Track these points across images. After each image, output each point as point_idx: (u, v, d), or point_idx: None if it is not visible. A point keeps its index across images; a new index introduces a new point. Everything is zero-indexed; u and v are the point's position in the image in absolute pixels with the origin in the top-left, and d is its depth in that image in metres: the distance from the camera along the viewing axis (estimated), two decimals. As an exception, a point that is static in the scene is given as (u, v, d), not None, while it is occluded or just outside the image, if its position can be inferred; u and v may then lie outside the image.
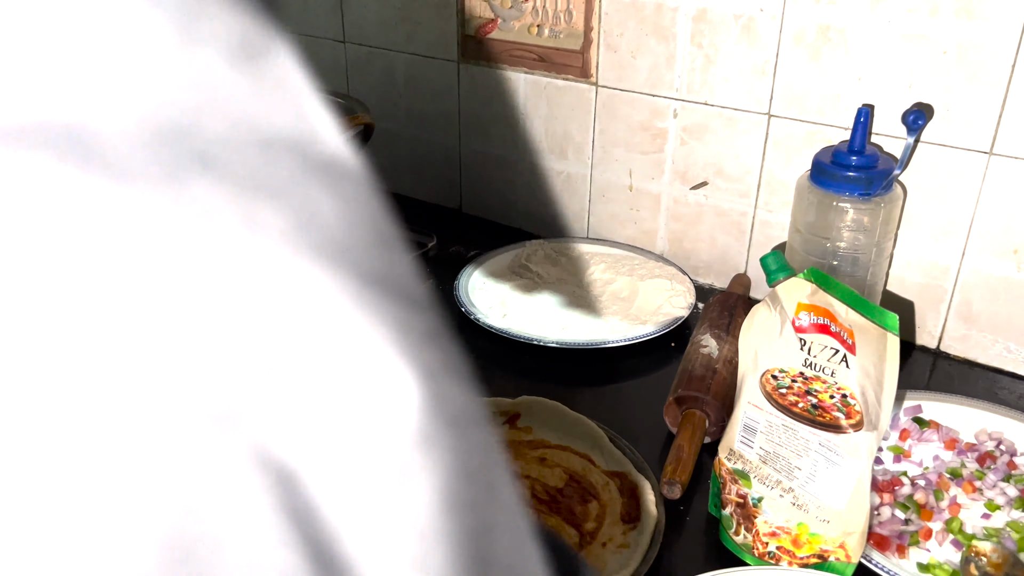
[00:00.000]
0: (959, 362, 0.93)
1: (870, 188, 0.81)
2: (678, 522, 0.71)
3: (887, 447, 0.78)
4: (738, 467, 0.66)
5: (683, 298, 0.99)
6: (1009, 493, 0.71)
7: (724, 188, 1.02)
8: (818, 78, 0.90)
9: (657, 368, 0.91)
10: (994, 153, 0.84)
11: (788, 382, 0.63)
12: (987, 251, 0.87)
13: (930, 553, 0.67)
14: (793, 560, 0.64)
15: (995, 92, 0.81)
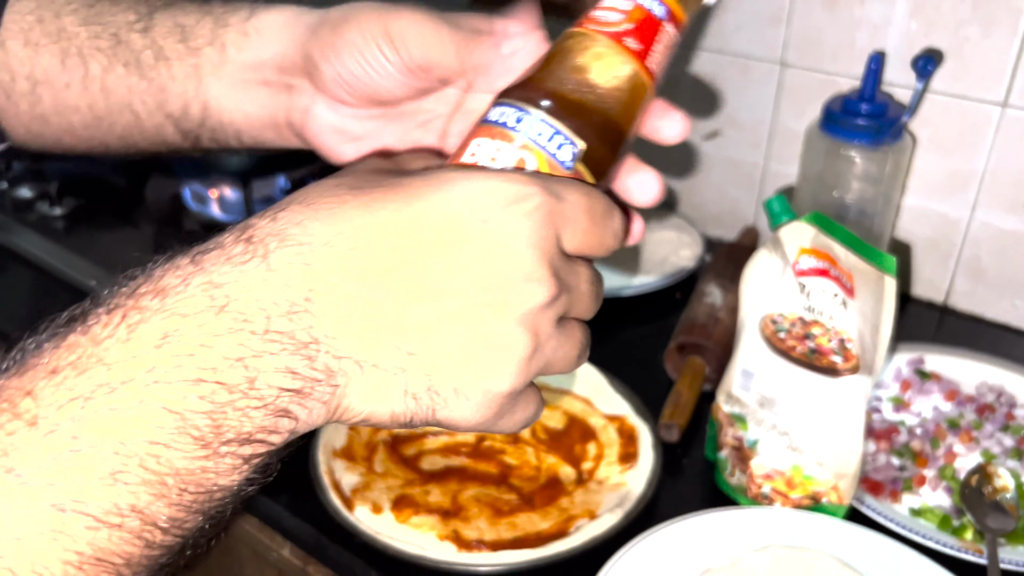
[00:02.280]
0: (965, 317, 0.92)
1: (879, 136, 0.81)
2: (675, 465, 0.72)
3: (887, 397, 0.78)
4: (735, 411, 0.67)
5: (690, 250, 0.99)
6: (1006, 443, 0.72)
7: (735, 138, 1.01)
8: (833, 26, 0.89)
9: (661, 318, 0.91)
10: (1008, 105, 0.82)
11: (787, 326, 0.64)
12: (997, 205, 0.87)
13: (922, 499, 0.68)
14: (786, 501, 0.65)
15: (1011, 42, 0.80)
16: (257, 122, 0.45)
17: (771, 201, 0.65)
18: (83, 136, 0.49)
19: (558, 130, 0.35)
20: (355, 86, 0.42)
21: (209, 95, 0.45)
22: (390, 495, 0.67)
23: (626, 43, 0.36)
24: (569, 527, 0.64)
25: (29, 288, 0.97)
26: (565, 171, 0.35)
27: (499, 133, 0.35)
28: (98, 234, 1.06)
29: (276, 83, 0.44)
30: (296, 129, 0.45)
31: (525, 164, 0.35)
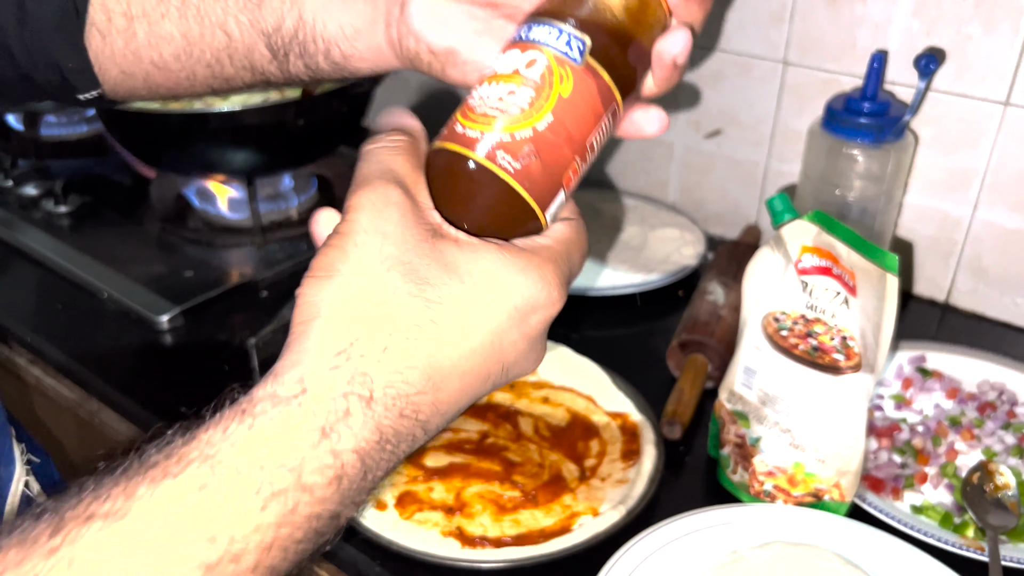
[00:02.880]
0: (967, 315, 0.93)
1: (881, 134, 0.81)
2: (677, 462, 0.72)
3: (889, 395, 0.78)
4: (738, 408, 0.67)
5: (692, 248, 0.99)
6: (1007, 441, 0.72)
7: (737, 137, 1.01)
8: (835, 25, 0.89)
9: (664, 316, 0.91)
10: (1010, 104, 0.83)
11: (789, 324, 0.64)
12: (999, 204, 0.87)
13: (924, 496, 0.68)
14: (788, 498, 0.65)
15: (1013, 41, 0.80)
16: (352, 31, 0.46)
17: (773, 199, 0.66)
18: (173, 68, 0.50)
19: (563, 29, 0.39)
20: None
21: (304, 7, 0.46)
22: (394, 491, 0.67)
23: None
24: (572, 524, 0.64)
25: (34, 286, 0.97)
26: (576, 64, 0.38)
27: (514, 44, 0.39)
28: (103, 232, 1.06)
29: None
30: (391, 31, 0.45)
31: (535, 62, 0.38)
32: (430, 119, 1.10)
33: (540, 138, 0.37)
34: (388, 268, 0.34)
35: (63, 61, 0.50)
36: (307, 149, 1.04)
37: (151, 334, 0.88)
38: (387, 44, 0.46)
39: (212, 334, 0.88)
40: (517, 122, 0.37)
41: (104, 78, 0.51)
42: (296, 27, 0.47)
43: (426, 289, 0.35)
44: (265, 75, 0.49)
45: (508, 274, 0.36)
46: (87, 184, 1.16)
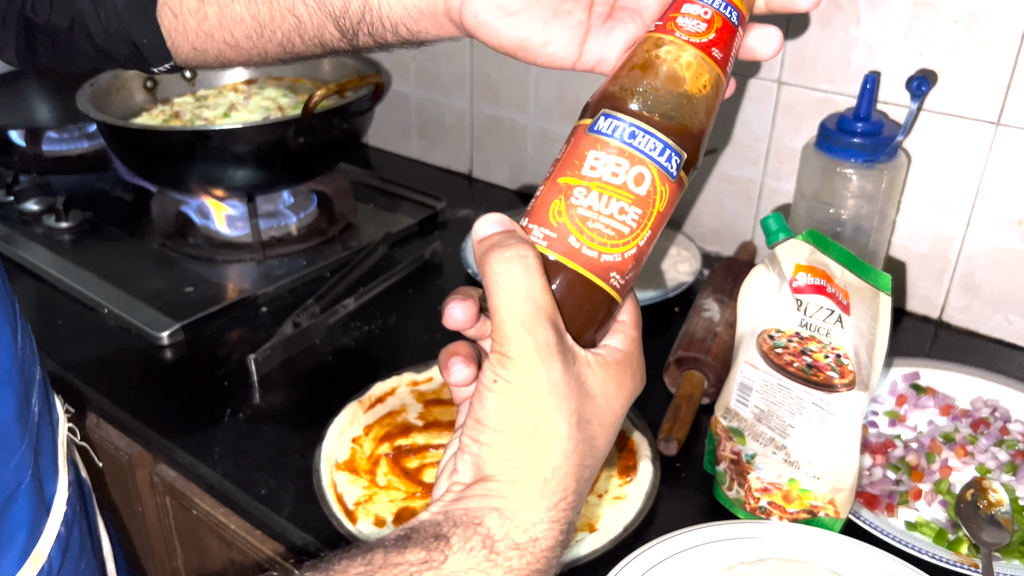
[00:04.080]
0: (960, 332, 0.93)
1: (874, 154, 0.82)
2: (674, 478, 0.73)
3: (883, 411, 0.79)
4: (733, 425, 0.68)
5: (688, 264, 1.00)
6: (1000, 457, 0.72)
7: (733, 155, 1.02)
8: (829, 45, 0.91)
9: (660, 332, 0.92)
10: (1001, 124, 0.84)
11: (784, 342, 0.65)
12: (992, 222, 0.88)
13: (918, 512, 0.69)
14: (784, 515, 0.66)
15: (1004, 62, 0.81)
16: (416, 11, 0.47)
17: (768, 219, 0.67)
18: (244, 47, 0.52)
19: (667, 144, 0.39)
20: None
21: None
22: (393, 507, 0.68)
23: (713, 54, 0.40)
24: (570, 540, 0.65)
25: (35, 301, 0.98)
26: (672, 181, 0.39)
27: (616, 148, 0.39)
28: (104, 248, 1.07)
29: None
30: (454, 13, 0.46)
31: (644, 179, 0.39)
32: (430, 128, 1.11)
33: (640, 253, 0.39)
34: (568, 419, 0.37)
35: (137, 37, 0.52)
36: (307, 166, 1.05)
37: (151, 350, 0.89)
38: (454, 26, 0.47)
39: (212, 350, 0.89)
40: (627, 243, 0.39)
41: (176, 53, 0.53)
42: (363, 9, 0.48)
43: (585, 427, 0.38)
44: (335, 50, 0.51)
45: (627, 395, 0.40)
46: (88, 200, 1.17)
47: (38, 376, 0.55)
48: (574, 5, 0.46)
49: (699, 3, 0.40)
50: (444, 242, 1.07)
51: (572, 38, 0.45)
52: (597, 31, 0.46)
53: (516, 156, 1.23)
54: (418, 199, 1.18)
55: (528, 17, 0.45)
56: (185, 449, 0.75)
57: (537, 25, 0.45)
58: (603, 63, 0.46)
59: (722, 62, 0.40)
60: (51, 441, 0.56)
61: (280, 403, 0.81)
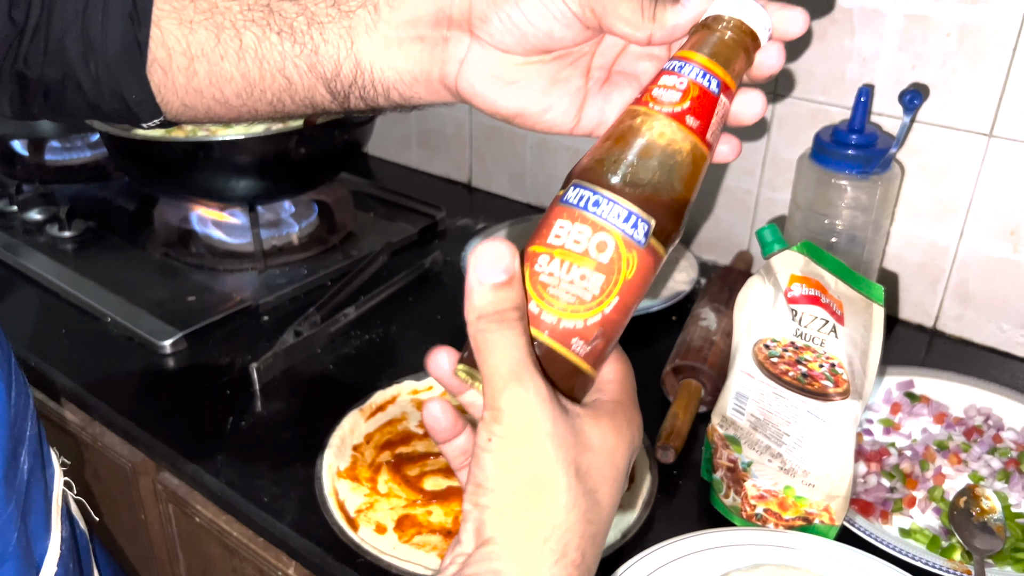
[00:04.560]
0: (954, 341, 0.95)
1: (868, 166, 0.83)
2: (671, 486, 0.74)
3: (878, 419, 0.80)
4: (730, 433, 0.69)
5: (686, 273, 1.01)
6: (993, 465, 0.73)
7: (730, 166, 1.04)
8: (824, 58, 0.92)
9: (658, 341, 0.93)
10: (994, 135, 0.85)
11: (780, 351, 0.66)
12: (985, 232, 0.89)
13: (912, 519, 0.70)
14: (779, 522, 0.67)
15: (996, 75, 0.83)
16: (409, 77, 0.47)
17: (763, 230, 0.68)
18: (234, 105, 0.51)
19: (632, 212, 0.39)
20: (530, 36, 0.44)
21: (361, 55, 0.47)
22: (394, 515, 0.69)
23: (687, 122, 0.40)
24: (568, 547, 0.66)
25: (38, 310, 0.99)
26: (640, 248, 0.39)
27: (579, 216, 0.39)
28: (106, 257, 1.08)
29: (430, 37, 0.46)
30: (449, 81, 0.46)
31: (607, 246, 0.39)
32: (430, 138, 1.13)
33: (607, 320, 0.39)
34: (563, 472, 0.36)
35: (127, 93, 0.51)
36: (308, 176, 1.06)
37: (154, 358, 0.89)
38: (449, 93, 0.47)
39: (214, 358, 0.89)
40: (590, 309, 0.39)
41: (166, 109, 0.52)
42: (354, 73, 0.47)
43: (585, 479, 0.37)
44: (327, 110, 0.51)
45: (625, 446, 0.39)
46: (91, 209, 1.18)
47: (29, 432, 0.53)
48: (571, 72, 0.46)
49: (675, 73, 0.41)
50: (444, 251, 1.08)
51: (571, 105, 0.46)
52: (595, 96, 0.46)
53: (515, 166, 1.24)
54: (418, 208, 1.19)
55: (526, 86, 0.45)
56: (188, 457, 0.76)
57: (535, 94, 0.45)
58: (600, 127, 0.46)
59: (699, 130, 0.40)
60: (43, 498, 0.55)
61: (282, 411, 0.82)
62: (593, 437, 0.38)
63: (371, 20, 0.47)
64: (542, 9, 0.43)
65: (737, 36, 0.41)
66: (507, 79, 0.45)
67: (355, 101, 0.49)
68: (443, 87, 0.47)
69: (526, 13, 0.43)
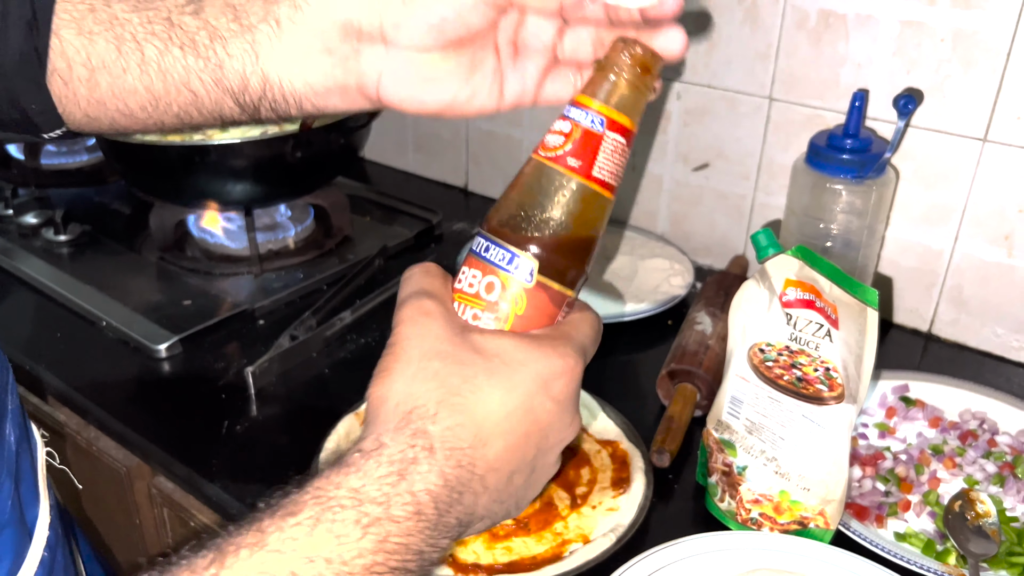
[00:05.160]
0: (949, 345, 0.95)
1: (863, 171, 0.83)
2: (666, 489, 0.74)
3: (873, 424, 0.80)
4: (725, 437, 0.69)
5: (681, 278, 1.02)
6: (988, 469, 0.74)
7: (725, 171, 1.04)
8: (818, 63, 0.92)
9: (653, 345, 0.93)
10: (988, 140, 0.85)
11: (774, 355, 0.66)
12: (979, 237, 0.89)
13: (907, 523, 0.70)
14: (774, 526, 0.67)
15: (990, 80, 0.83)
16: (322, 88, 0.48)
17: (758, 235, 0.68)
18: (140, 117, 0.51)
19: (515, 254, 0.43)
20: (448, 29, 0.45)
21: (268, 69, 0.47)
22: (389, 519, 0.68)
23: (568, 163, 0.42)
24: (563, 551, 0.66)
25: (33, 314, 0.99)
26: (527, 285, 0.43)
27: (475, 262, 0.44)
28: (102, 261, 1.08)
29: (339, 50, 0.46)
30: (369, 91, 0.47)
31: (494, 287, 0.43)
32: (426, 143, 1.13)
33: None
34: (431, 359, 0.42)
35: (26, 103, 0.50)
36: (304, 180, 1.06)
37: (149, 362, 0.89)
38: (368, 101, 0.48)
39: (210, 363, 0.89)
40: None
41: (68, 119, 0.51)
42: (263, 87, 0.48)
43: (462, 368, 0.41)
44: (236, 122, 0.51)
45: (527, 350, 0.43)
46: (87, 213, 1.18)
47: (10, 406, 0.55)
48: (484, 55, 0.47)
49: (562, 119, 0.43)
50: (440, 255, 1.09)
51: (492, 85, 0.48)
52: (511, 71, 0.48)
53: (511, 170, 1.23)
54: (414, 212, 1.19)
55: (448, 79, 0.47)
56: (183, 461, 0.76)
57: (459, 84, 0.47)
58: (524, 95, 0.49)
59: (582, 169, 0.42)
60: (31, 467, 0.57)
61: (277, 415, 0.82)
62: (489, 348, 0.42)
63: (274, 34, 0.47)
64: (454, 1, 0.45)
65: (630, 76, 0.43)
66: (429, 77, 0.47)
67: (266, 113, 0.49)
68: (362, 96, 0.48)
69: (439, 9, 0.45)
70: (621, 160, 0.43)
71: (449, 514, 0.40)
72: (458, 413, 0.41)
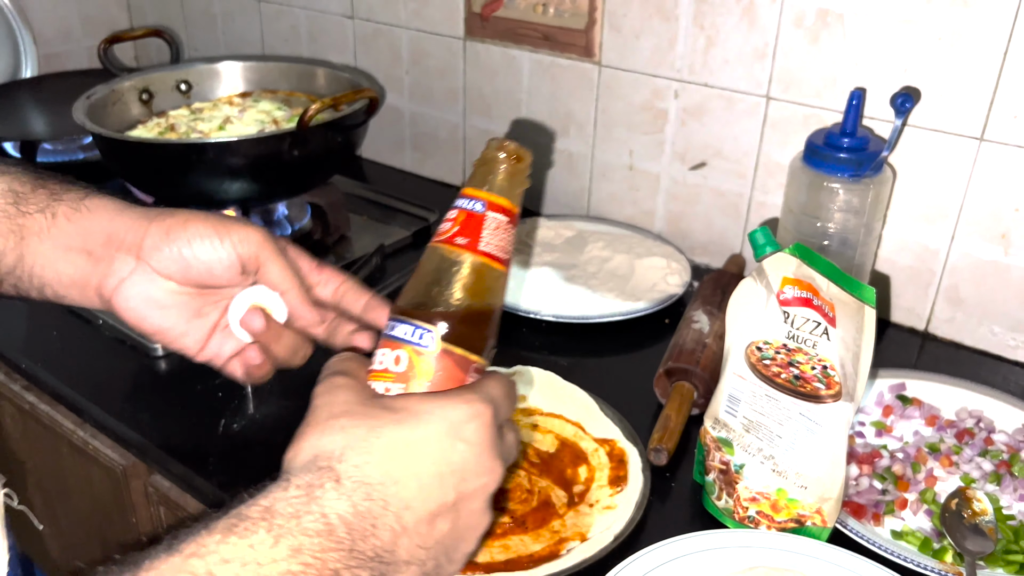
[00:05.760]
0: (946, 344, 0.95)
1: (860, 169, 0.83)
2: (664, 488, 0.74)
3: (870, 422, 0.80)
4: (722, 435, 0.69)
5: (679, 276, 1.02)
6: (985, 467, 0.74)
7: (722, 169, 1.04)
8: (816, 62, 0.92)
9: (650, 343, 0.93)
10: (984, 139, 0.85)
11: (772, 353, 0.66)
12: (976, 235, 0.89)
13: (904, 522, 0.70)
14: (772, 524, 0.67)
15: (987, 79, 0.83)
16: (68, 281, 0.54)
17: (755, 233, 0.68)
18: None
19: (416, 326, 0.48)
20: (193, 268, 0.53)
21: (27, 251, 0.53)
22: (386, 517, 0.68)
23: (456, 242, 0.48)
24: (561, 549, 0.66)
25: (29, 312, 0.98)
26: (430, 351, 0.47)
27: (385, 342, 0.49)
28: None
29: (97, 253, 0.53)
30: (105, 291, 0.54)
31: (400, 359, 0.48)
32: (423, 142, 1.13)
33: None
34: (338, 417, 0.44)
35: None
36: (302, 179, 1.06)
37: (146, 361, 0.89)
38: (99, 300, 0.54)
39: (206, 361, 0.89)
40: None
41: None
42: (16, 263, 0.53)
43: (369, 421, 0.43)
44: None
45: (433, 400, 0.45)
46: (83, 211, 1.17)
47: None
48: (212, 308, 0.56)
49: (451, 209, 0.49)
50: (437, 254, 1.08)
51: (202, 335, 0.57)
52: (219, 332, 0.58)
53: (508, 169, 1.24)
54: (411, 211, 1.19)
55: (173, 312, 0.55)
56: (179, 460, 0.76)
57: (179, 320, 0.55)
58: (217, 358, 0.59)
59: (469, 245, 0.48)
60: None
61: (274, 414, 0.82)
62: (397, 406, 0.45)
63: (46, 225, 0.53)
64: (210, 250, 0.53)
65: (506, 166, 0.49)
66: (159, 303, 0.54)
67: (7, 288, 0.55)
68: (97, 296, 0.54)
69: (195, 250, 0.53)
70: (506, 236, 0.49)
71: (365, 542, 0.40)
72: (365, 453, 0.42)
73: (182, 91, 1.21)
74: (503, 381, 0.49)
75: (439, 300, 0.48)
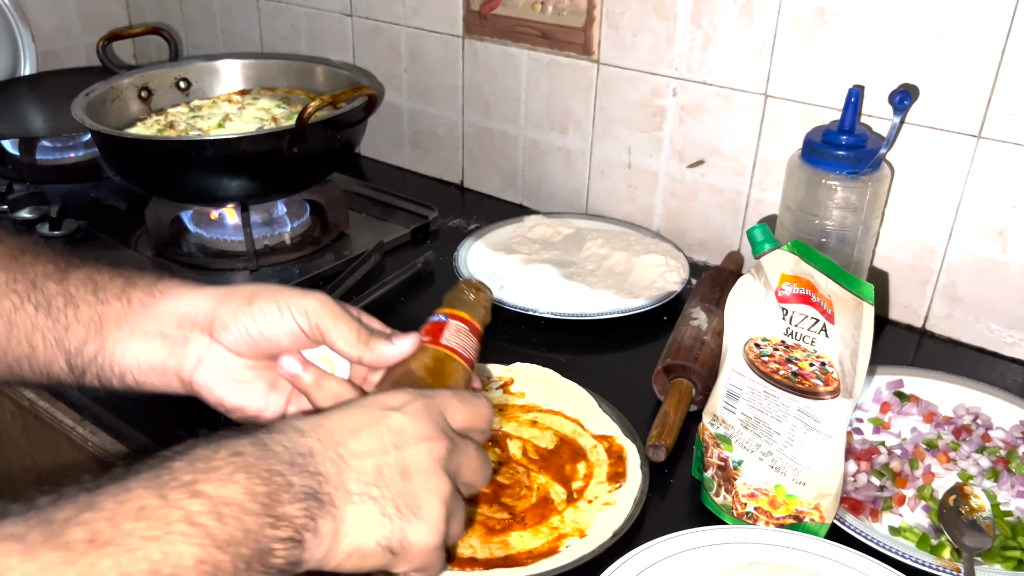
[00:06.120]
0: (943, 341, 0.95)
1: (858, 166, 0.84)
2: (662, 484, 0.74)
3: (867, 419, 0.81)
4: (720, 431, 0.69)
5: (677, 274, 1.02)
6: (982, 464, 0.74)
7: (720, 167, 1.04)
8: (814, 59, 0.92)
9: (649, 340, 0.93)
10: (982, 136, 0.86)
11: (770, 350, 0.66)
12: (973, 233, 0.90)
13: (902, 518, 0.70)
14: (770, 520, 0.67)
15: (985, 77, 0.83)
16: (146, 366, 0.54)
17: (753, 229, 0.68)
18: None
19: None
20: (261, 344, 0.55)
21: (107, 338, 0.54)
22: (385, 514, 0.68)
23: (423, 339, 0.58)
24: (559, 545, 0.66)
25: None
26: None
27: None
28: (98, 256, 1.07)
29: (172, 335, 0.55)
30: (184, 374, 0.55)
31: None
32: (422, 139, 1.13)
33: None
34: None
35: None
36: (301, 176, 1.06)
37: (145, 358, 0.89)
38: (179, 383, 0.55)
39: (206, 358, 0.89)
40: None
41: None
42: (96, 352, 0.54)
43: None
44: (60, 383, 0.56)
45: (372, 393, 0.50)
46: (82, 209, 1.17)
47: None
48: (284, 382, 0.57)
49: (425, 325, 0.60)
50: (436, 251, 1.08)
51: (281, 407, 0.58)
52: (295, 400, 0.59)
53: (506, 166, 1.24)
54: (410, 209, 1.19)
55: (251, 387, 0.57)
56: (179, 456, 0.76)
57: (258, 395, 0.57)
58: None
59: (432, 342, 0.58)
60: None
61: (273, 411, 0.82)
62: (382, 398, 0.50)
63: (123, 311, 0.54)
64: (276, 322, 0.54)
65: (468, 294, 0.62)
66: (236, 379, 0.56)
67: (90, 379, 0.55)
68: (177, 379, 0.55)
69: (260, 325, 0.54)
70: (467, 339, 0.59)
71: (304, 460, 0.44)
72: (309, 423, 0.46)
73: (181, 88, 1.21)
74: (455, 392, 0.53)
75: (409, 379, 0.55)
